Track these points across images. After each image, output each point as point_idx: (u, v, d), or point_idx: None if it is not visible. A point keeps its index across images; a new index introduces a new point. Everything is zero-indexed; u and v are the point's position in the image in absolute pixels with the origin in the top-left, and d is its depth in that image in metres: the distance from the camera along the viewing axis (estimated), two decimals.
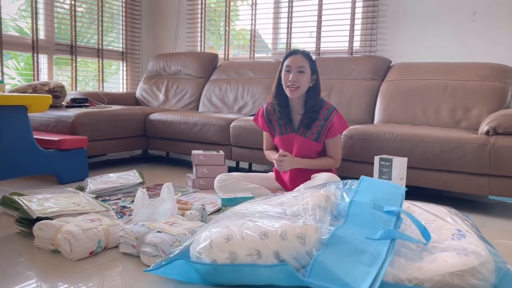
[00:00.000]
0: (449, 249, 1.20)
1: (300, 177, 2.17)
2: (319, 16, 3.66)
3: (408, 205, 1.61)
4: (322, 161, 2.21)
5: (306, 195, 1.50)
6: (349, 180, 1.60)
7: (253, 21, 4.01)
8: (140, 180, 2.29)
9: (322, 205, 1.44)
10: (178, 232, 1.46)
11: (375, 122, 2.96)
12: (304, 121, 2.18)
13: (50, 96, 2.42)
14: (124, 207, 1.96)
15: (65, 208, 1.66)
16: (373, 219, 1.35)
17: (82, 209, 1.69)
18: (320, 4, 3.64)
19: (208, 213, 2.00)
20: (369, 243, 1.23)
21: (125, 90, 4.47)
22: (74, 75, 3.91)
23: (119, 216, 1.89)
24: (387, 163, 1.92)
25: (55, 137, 2.53)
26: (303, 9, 3.75)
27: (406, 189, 1.60)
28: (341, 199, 1.50)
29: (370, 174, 2.44)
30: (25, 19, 3.64)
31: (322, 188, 1.55)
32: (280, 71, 2.20)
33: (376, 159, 1.96)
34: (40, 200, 1.72)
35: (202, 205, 1.94)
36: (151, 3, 4.56)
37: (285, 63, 2.15)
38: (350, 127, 2.45)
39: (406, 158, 1.93)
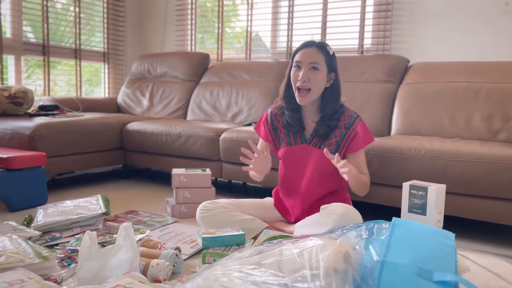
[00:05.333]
0: None
1: (312, 206, 1.73)
2: (325, 10, 3.19)
3: (458, 257, 1.14)
4: (364, 180, 1.71)
5: (316, 249, 1.04)
6: (376, 224, 1.13)
7: (249, 16, 3.55)
8: (104, 210, 1.82)
9: (339, 268, 0.97)
10: None
11: (392, 133, 2.49)
12: (320, 131, 1.72)
13: None
14: (73, 250, 1.49)
15: None
16: None
17: (4, 262, 1.23)
18: None
19: (185, 257, 1.54)
20: None
21: (107, 95, 4.00)
22: (47, 78, 3.46)
23: (65, 264, 1.43)
24: (420, 193, 1.45)
25: (3, 154, 2.06)
26: (306, 2, 3.28)
27: (454, 234, 1.13)
28: (365, 255, 1.04)
29: (392, 199, 1.97)
30: None
31: (339, 237, 1.09)
32: (290, 68, 1.76)
33: (405, 186, 1.49)
34: None
35: (176, 249, 1.47)
36: None
37: (295, 57, 1.71)
38: None
39: (445, 186, 1.47)
